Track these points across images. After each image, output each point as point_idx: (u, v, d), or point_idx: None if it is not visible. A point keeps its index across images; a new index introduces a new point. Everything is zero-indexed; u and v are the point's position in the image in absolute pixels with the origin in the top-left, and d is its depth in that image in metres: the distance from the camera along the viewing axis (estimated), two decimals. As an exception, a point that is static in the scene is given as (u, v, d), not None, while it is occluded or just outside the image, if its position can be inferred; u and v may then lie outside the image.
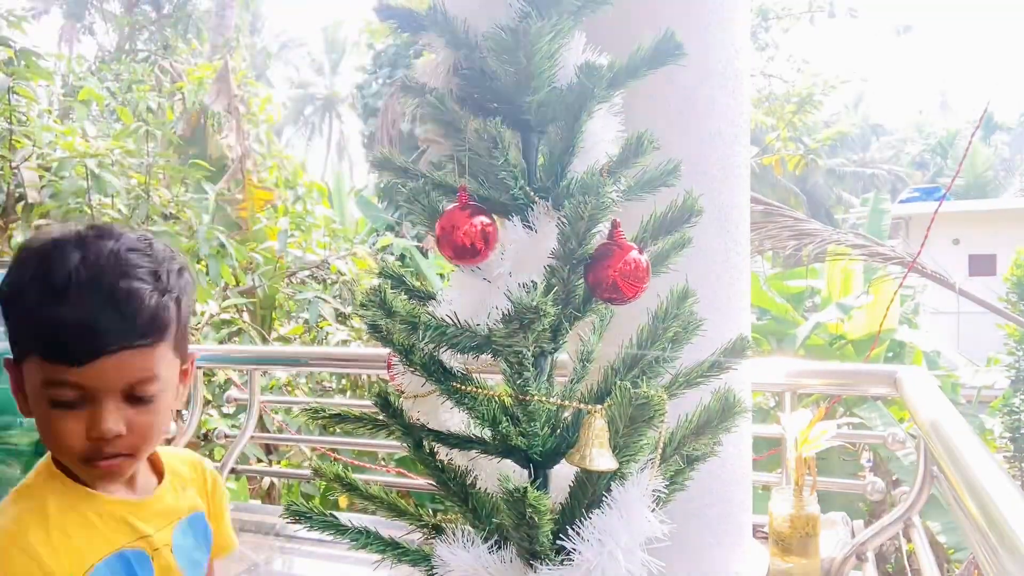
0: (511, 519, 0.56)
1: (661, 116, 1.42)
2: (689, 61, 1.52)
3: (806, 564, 1.72)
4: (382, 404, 0.68)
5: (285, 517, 0.65)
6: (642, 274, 0.57)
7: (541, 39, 0.50)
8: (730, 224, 1.50)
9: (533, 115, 0.54)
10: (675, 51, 0.56)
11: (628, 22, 1.31)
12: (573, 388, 0.64)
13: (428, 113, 0.59)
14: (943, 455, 1.31)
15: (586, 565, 0.56)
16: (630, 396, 0.56)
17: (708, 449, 0.68)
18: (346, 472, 0.70)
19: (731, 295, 1.52)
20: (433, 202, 0.65)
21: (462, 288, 0.63)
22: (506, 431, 0.58)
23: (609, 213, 0.56)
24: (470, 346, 0.56)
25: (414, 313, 0.55)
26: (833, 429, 1.79)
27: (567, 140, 0.59)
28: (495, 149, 0.56)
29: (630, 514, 0.57)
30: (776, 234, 4.09)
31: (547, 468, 0.67)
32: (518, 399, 0.60)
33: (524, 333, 0.53)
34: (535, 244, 0.61)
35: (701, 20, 1.44)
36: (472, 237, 0.59)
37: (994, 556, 0.93)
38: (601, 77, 0.55)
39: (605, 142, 0.61)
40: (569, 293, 0.58)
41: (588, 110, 0.58)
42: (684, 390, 0.65)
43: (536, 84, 0.53)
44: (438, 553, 0.62)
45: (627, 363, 0.63)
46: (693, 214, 0.60)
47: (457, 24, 0.55)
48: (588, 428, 0.57)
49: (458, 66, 0.59)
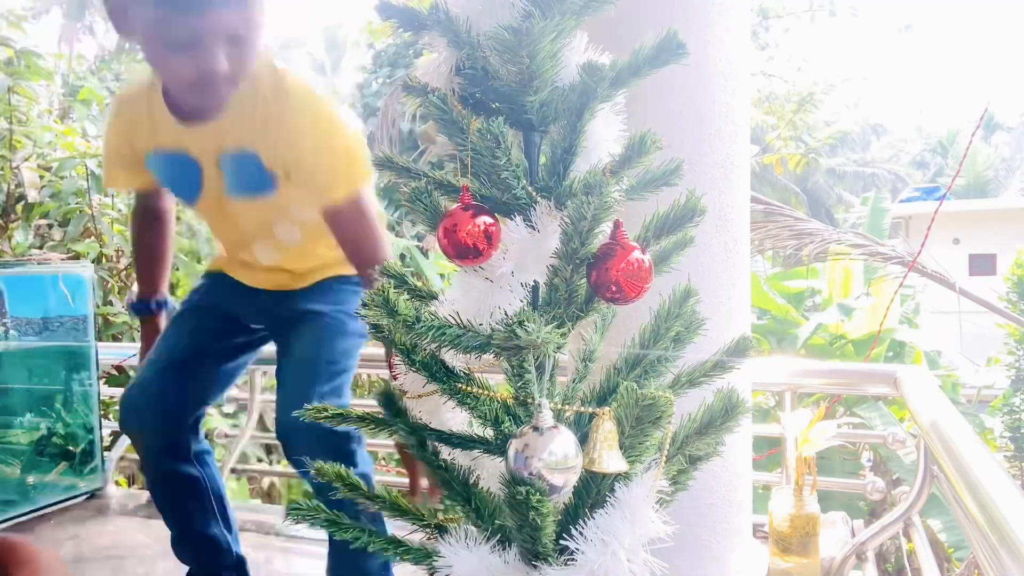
0: (514, 520, 0.56)
1: (661, 115, 1.41)
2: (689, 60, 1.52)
3: (806, 564, 1.72)
4: (385, 403, 0.68)
5: (287, 516, 0.65)
6: (645, 274, 0.57)
7: (544, 39, 0.50)
8: (730, 224, 1.50)
9: (535, 114, 0.54)
10: (678, 50, 0.56)
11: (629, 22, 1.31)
12: (575, 388, 0.64)
13: (430, 113, 0.60)
14: (943, 455, 1.31)
15: (589, 566, 0.56)
16: (636, 397, 0.56)
17: (711, 449, 0.68)
18: (347, 472, 0.70)
19: (731, 295, 1.52)
20: (435, 202, 0.65)
21: (464, 288, 0.63)
22: (508, 431, 0.58)
23: (612, 213, 0.56)
24: (472, 346, 0.56)
25: (417, 313, 0.55)
26: (833, 429, 1.79)
27: (569, 139, 0.59)
28: (497, 148, 0.56)
29: (634, 515, 0.57)
30: (776, 234, 4.09)
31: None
32: (520, 400, 0.60)
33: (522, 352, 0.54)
34: (538, 244, 0.61)
35: (701, 19, 1.44)
36: (475, 237, 0.59)
37: (994, 556, 0.93)
38: (603, 76, 0.55)
39: (608, 141, 0.61)
40: (572, 293, 0.58)
41: (591, 109, 0.58)
42: (687, 390, 0.65)
43: (538, 84, 0.53)
44: (440, 552, 0.62)
45: (629, 363, 0.63)
46: (696, 213, 0.60)
47: (459, 23, 0.55)
48: (597, 430, 0.56)
49: (460, 65, 0.59)
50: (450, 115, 0.58)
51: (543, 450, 0.53)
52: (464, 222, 0.58)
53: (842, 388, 3.01)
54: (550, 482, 0.53)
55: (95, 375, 3.26)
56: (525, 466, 0.53)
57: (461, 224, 0.58)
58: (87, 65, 11.46)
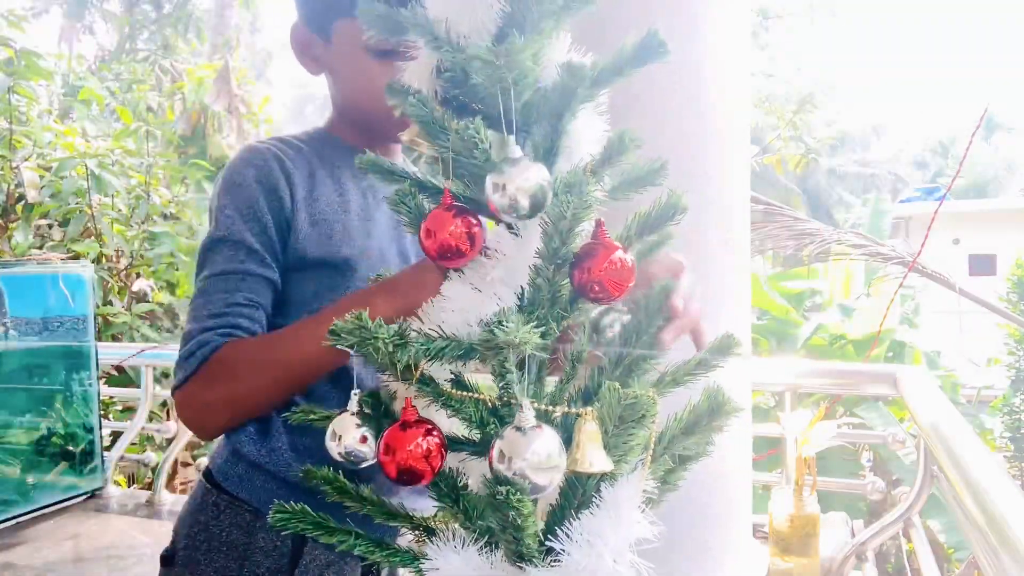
0: (497, 522, 0.56)
1: (661, 115, 1.41)
2: (689, 61, 1.52)
3: (806, 564, 1.72)
4: (372, 404, 0.68)
5: (273, 519, 0.65)
6: (627, 273, 0.57)
7: (525, 52, 0.50)
8: (730, 224, 1.50)
9: (517, 116, 0.54)
10: (659, 49, 0.55)
11: (629, 22, 1.31)
12: (563, 388, 0.64)
13: (411, 114, 0.59)
14: (943, 455, 1.31)
15: (575, 567, 0.55)
16: (619, 396, 0.55)
17: (701, 449, 0.68)
18: (336, 475, 0.70)
19: (731, 295, 1.52)
20: (419, 204, 0.65)
21: (449, 292, 0.63)
22: (493, 432, 0.58)
23: (595, 212, 0.56)
24: (456, 355, 0.56)
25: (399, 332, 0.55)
26: (833, 429, 1.79)
27: (551, 140, 0.59)
28: (476, 149, 0.56)
29: (620, 515, 0.57)
30: (776, 234, 4.08)
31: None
32: (504, 401, 0.60)
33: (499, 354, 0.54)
34: (521, 245, 0.61)
35: (701, 19, 1.44)
36: (457, 238, 0.59)
37: (994, 556, 0.93)
38: (584, 77, 0.54)
39: (590, 142, 0.61)
40: (555, 293, 0.58)
41: (572, 110, 0.58)
42: (671, 389, 0.64)
43: (519, 90, 0.53)
44: (428, 554, 0.61)
45: (614, 362, 0.63)
46: (678, 211, 0.59)
47: (438, 25, 0.55)
48: (580, 431, 0.56)
49: (441, 67, 0.59)
50: (431, 116, 0.58)
51: (526, 449, 0.53)
52: (446, 223, 0.57)
53: (842, 388, 3.01)
54: (534, 481, 0.53)
55: (95, 375, 3.26)
56: (508, 466, 0.53)
57: (443, 225, 0.57)
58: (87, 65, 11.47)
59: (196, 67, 8.77)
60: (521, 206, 0.55)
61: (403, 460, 0.57)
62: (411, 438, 0.57)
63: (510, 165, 0.54)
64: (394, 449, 0.57)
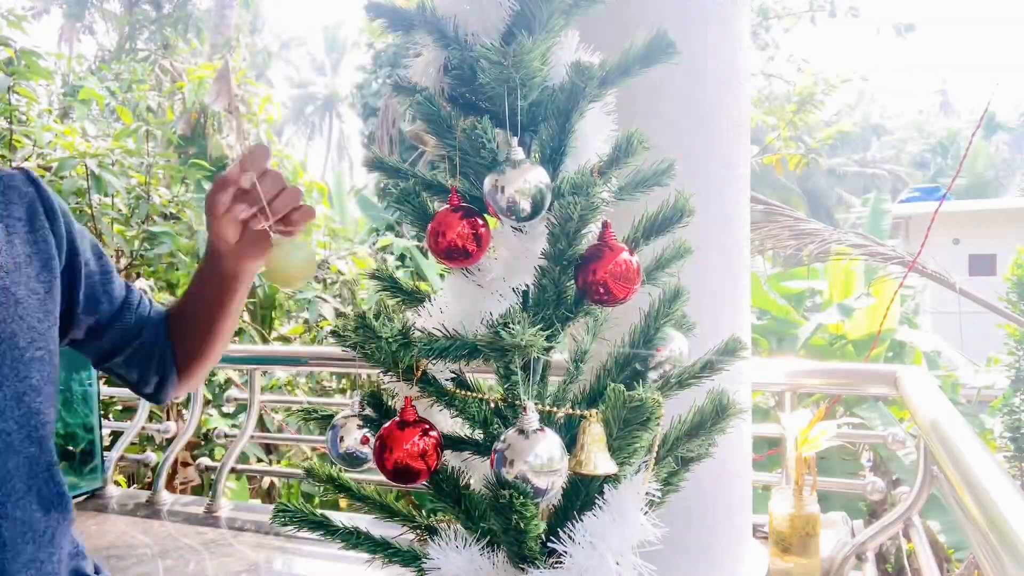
0: (499, 523, 0.56)
1: (661, 115, 1.41)
2: (689, 61, 1.52)
3: (806, 564, 1.72)
4: (375, 405, 0.68)
5: (275, 518, 0.65)
6: (633, 275, 0.57)
7: (533, 53, 0.50)
8: (730, 224, 1.50)
9: (524, 115, 0.54)
10: (667, 50, 0.55)
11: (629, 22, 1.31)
12: (567, 389, 0.64)
13: (418, 112, 0.59)
14: (943, 455, 1.31)
15: (577, 568, 0.55)
16: (624, 398, 0.55)
17: (703, 450, 0.68)
18: (339, 474, 0.70)
19: (731, 295, 1.52)
20: (424, 203, 0.64)
21: (454, 292, 0.63)
22: (497, 433, 0.58)
23: (601, 213, 0.56)
24: (460, 355, 0.56)
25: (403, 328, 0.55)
26: (833, 429, 1.78)
27: (559, 140, 0.59)
28: (483, 149, 0.55)
29: (623, 517, 0.57)
30: (776, 234, 4.09)
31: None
32: (508, 402, 0.59)
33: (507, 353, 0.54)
34: (527, 245, 0.61)
35: (701, 19, 1.44)
36: (463, 239, 0.58)
37: (994, 556, 0.92)
38: (592, 76, 0.54)
39: (598, 142, 0.61)
40: (560, 294, 0.58)
41: (580, 110, 0.58)
42: (676, 391, 0.64)
43: (526, 91, 0.53)
44: (430, 554, 0.61)
45: (620, 364, 0.63)
46: (685, 214, 0.59)
47: (446, 23, 0.55)
48: (585, 433, 0.56)
49: (448, 65, 0.58)
50: (438, 115, 0.58)
51: (528, 453, 0.52)
52: (453, 224, 0.57)
53: (842, 388, 3.01)
54: (535, 485, 0.53)
55: (95, 375, 3.26)
56: (510, 469, 0.52)
57: (450, 226, 0.57)
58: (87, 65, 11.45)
59: (196, 67, 8.75)
60: (521, 208, 0.55)
61: (399, 458, 0.57)
62: (408, 437, 0.57)
63: (511, 167, 0.54)
64: (390, 447, 0.57)
